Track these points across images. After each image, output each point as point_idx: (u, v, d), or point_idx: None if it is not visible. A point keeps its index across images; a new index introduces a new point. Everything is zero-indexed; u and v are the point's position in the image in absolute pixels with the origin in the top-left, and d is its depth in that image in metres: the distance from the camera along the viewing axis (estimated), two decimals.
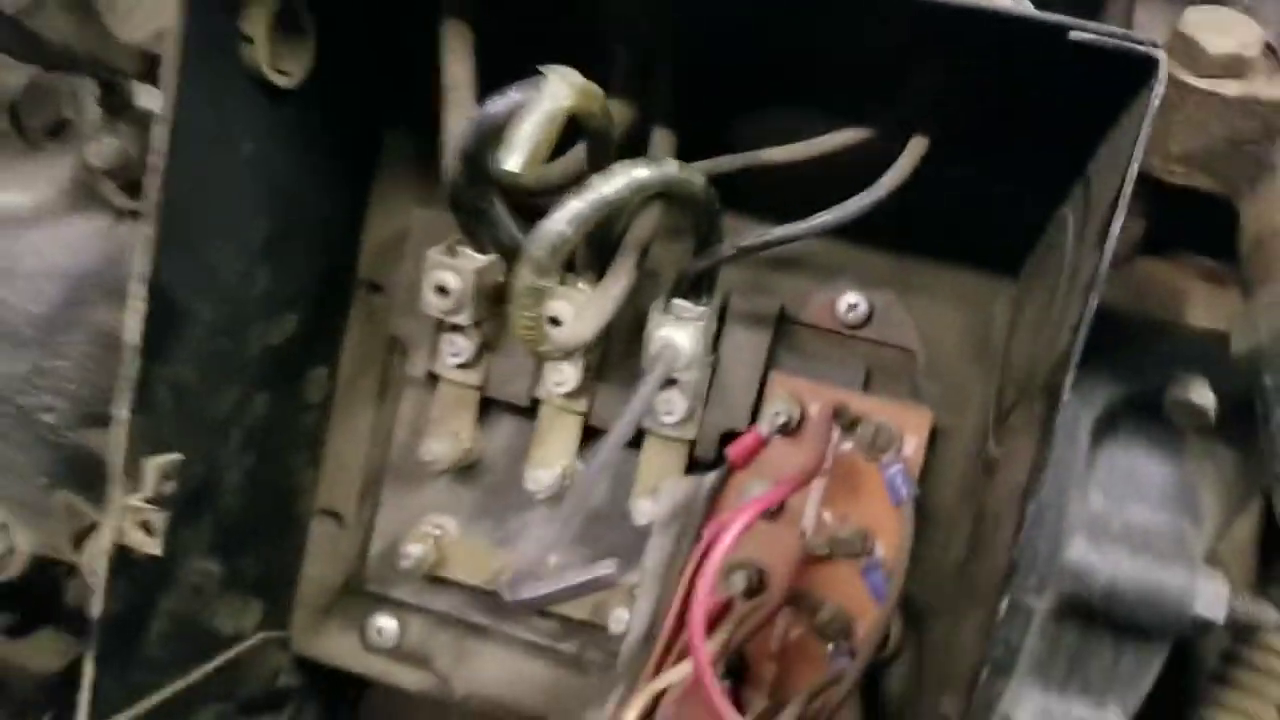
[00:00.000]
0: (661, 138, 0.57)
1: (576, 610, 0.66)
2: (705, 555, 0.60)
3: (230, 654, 0.66)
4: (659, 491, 0.62)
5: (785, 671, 0.63)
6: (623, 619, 0.64)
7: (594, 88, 0.48)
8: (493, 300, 0.62)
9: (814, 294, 0.63)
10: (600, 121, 0.50)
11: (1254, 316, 0.50)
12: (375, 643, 0.71)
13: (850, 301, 0.62)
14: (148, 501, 0.55)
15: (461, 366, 0.64)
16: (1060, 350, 0.44)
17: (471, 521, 0.69)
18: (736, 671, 0.64)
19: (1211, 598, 0.57)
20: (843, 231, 0.55)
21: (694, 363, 0.58)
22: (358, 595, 0.72)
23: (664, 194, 0.51)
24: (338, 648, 0.72)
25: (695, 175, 0.51)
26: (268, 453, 0.65)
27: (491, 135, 0.48)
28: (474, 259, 0.60)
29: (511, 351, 0.64)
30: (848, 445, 0.61)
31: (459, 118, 0.54)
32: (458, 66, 0.54)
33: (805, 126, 0.56)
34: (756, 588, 0.62)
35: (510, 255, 0.57)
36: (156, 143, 0.51)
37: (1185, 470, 0.62)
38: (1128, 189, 0.41)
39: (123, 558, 0.54)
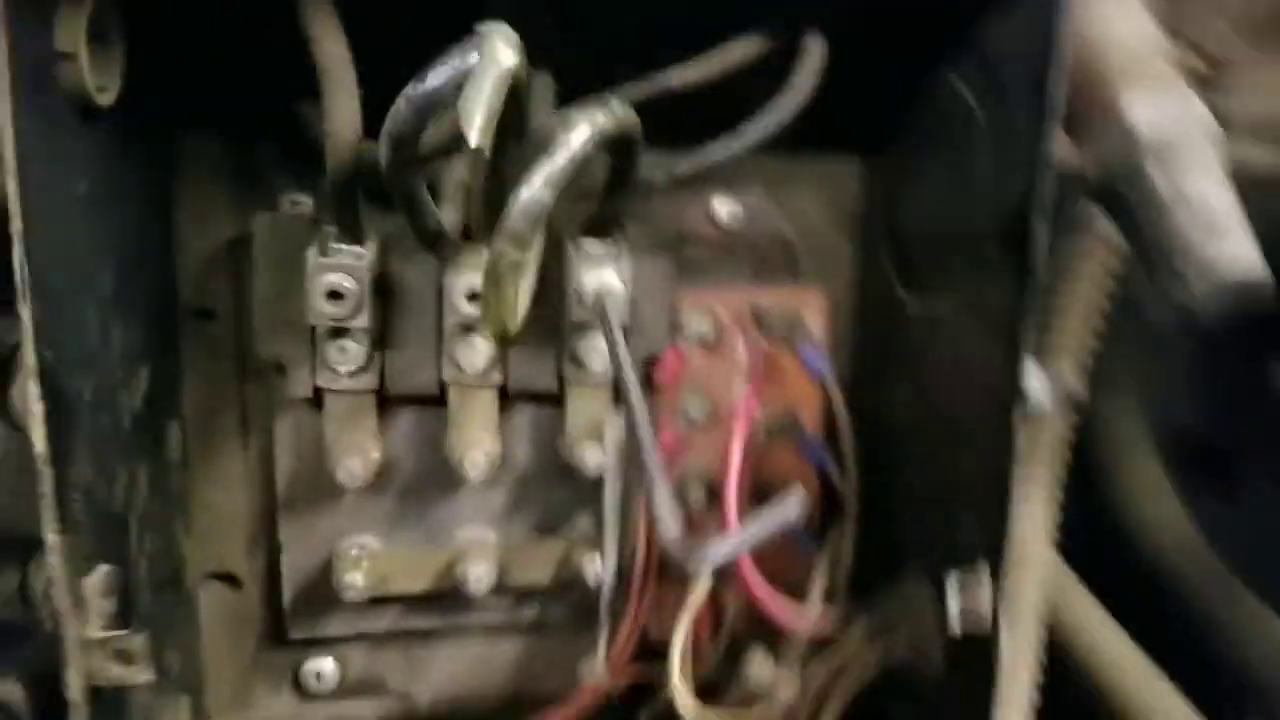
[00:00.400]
0: (544, 83, 0.55)
1: (531, 575, 0.65)
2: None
3: None
4: (605, 435, 0.62)
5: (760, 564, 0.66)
6: (595, 565, 0.63)
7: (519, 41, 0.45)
8: (377, 293, 0.57)
9: (689, 208, 0.64)
10: (525, 77, 0.47)
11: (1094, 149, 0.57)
12: (315, 688, 0.65)
13: (724, 206, 0.64)
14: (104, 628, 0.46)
15: (354, 374, 0.59)
16: (1015, 201, 0.48)
17: (393, 531, 0.64)
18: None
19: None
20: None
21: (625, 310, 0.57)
22: (279, 650, 0.65)
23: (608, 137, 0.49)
24: (270, 712, 0.65)
25: (631, 111, 0.50)
26: (158, 534, 0.56)
27: (432, 112, 0.44)
28: (359, 253, 0.55)
29: (404, 342, 0.59)
30: (761, 339, 0.63)
31: (344, 102, 0.49)
32: (331, 44, 0.48)
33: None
34: (712, 496, 0.64)
35: (433, 239, 0.53)
36: (11, 205, 0.41)
37: None
38: (1060, 47, 0.46)
39: (99, 701, 0.46)
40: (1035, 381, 0.64)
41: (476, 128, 0.43)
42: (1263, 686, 1.14)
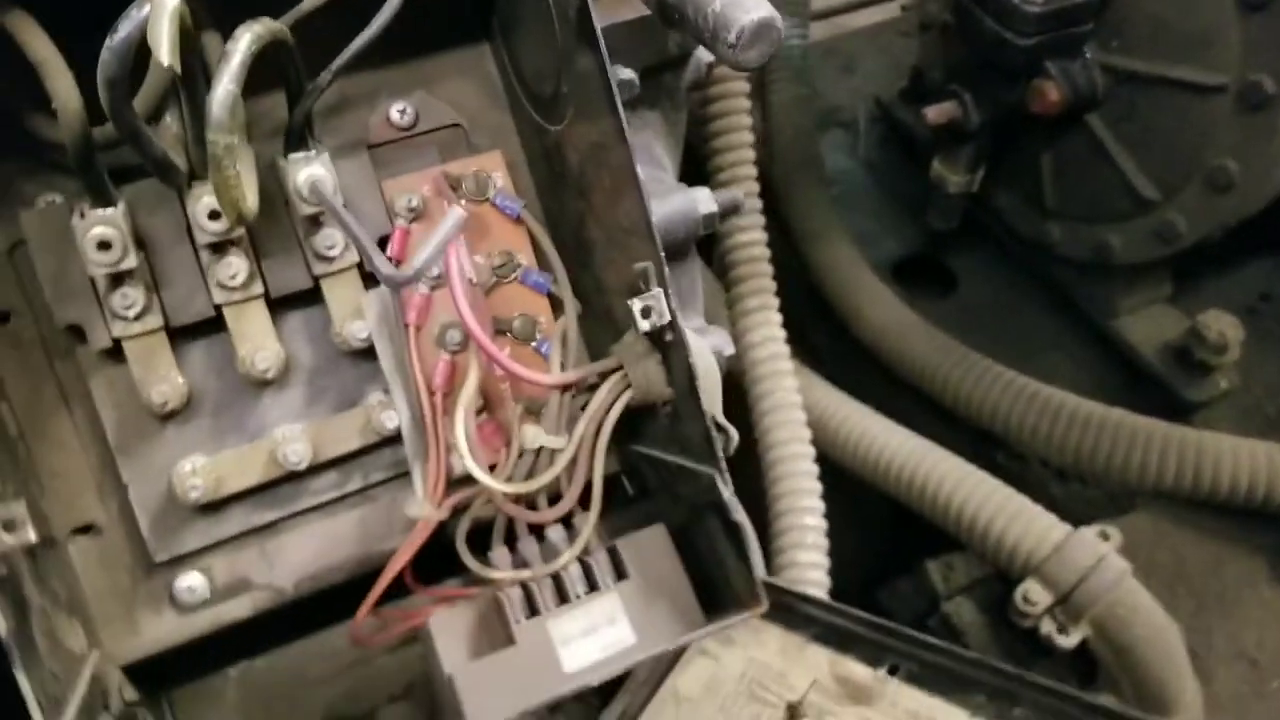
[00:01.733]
0: (216, 41, 0.69)
1: (343, 445, 0.78)
2: (420, 332, 0.76)
3: (89, 670, 0.68)
4: (364, 309, 0.76)
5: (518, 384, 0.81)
6: (393, 418, 0.77)
7: None
8: (138, 242, 0.70)
9: (368, 119, 0.79)
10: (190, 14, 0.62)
11: None
12: (190, 601, 0.76)
13: (398, 109, 0.80)
14: None
15: (140, 315, 0.71)
16: (575, 13, 0.66)
17: (216, 444, 0.76)
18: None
19: (706, 198, 0.85)
20: (363, 62, 0.72)
21: (338, 191, 0.72)
22: (150, 577, 0.76)
23: (265, 49, 0.64)
24: (158, 632, 0.76)
25: (278, 23, 0.65)
26: (18, 489, 0.67)
27: (128, 54, 0.58)
28: (112, 211, 0.68)
29: (173, 279, 0.72)
30: (461, 201, 0.79)
31: (63, 82, 0.62)
32: (38, 43, 0.61)
33: None
34: (463, 341, 0.79)
35: (165, 168, 0.66)
36: None
37: (645, 139, 0.89)
38: None
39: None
40: (698, 194, 0.82)
41: (165, 51, 0.57)
42: (999, 430, 1.36)
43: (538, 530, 0.75)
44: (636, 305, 0.66)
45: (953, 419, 1.40)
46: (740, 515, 0.67)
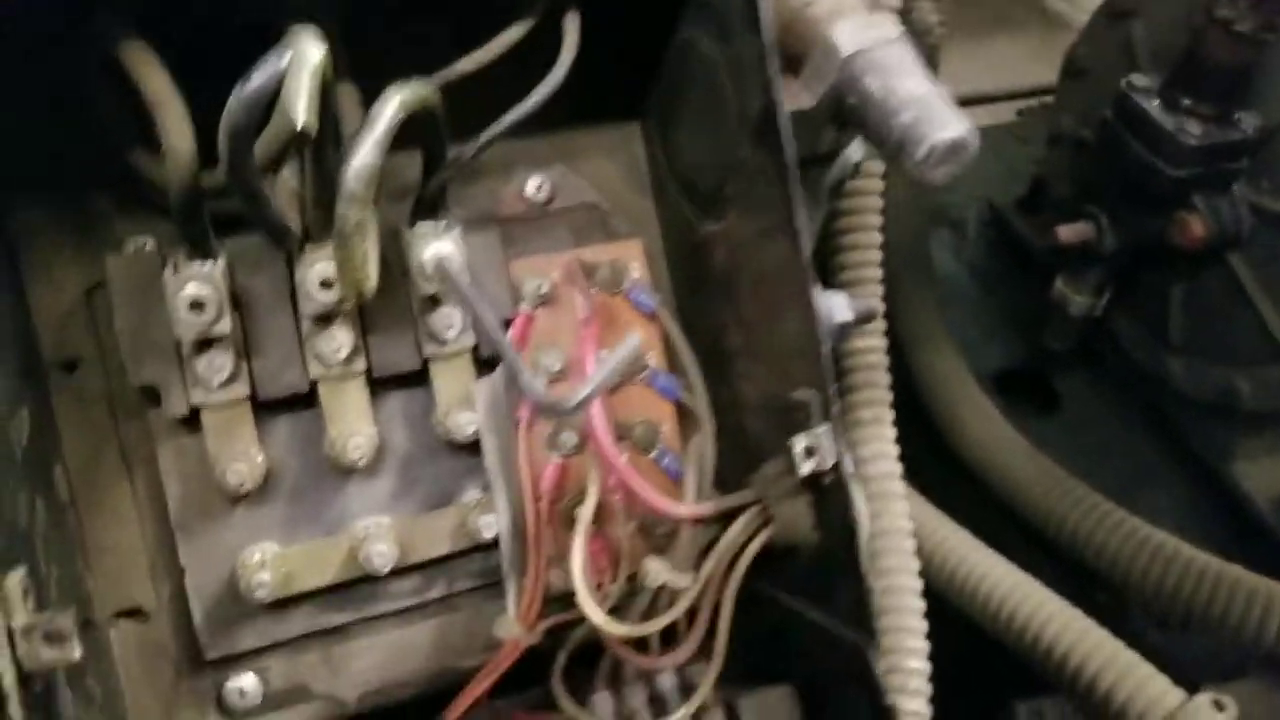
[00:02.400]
0: (349, 92, 0.62)
1: (432, 548, 0.69)
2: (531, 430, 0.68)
3: None
4: (474, 398, 0.67)
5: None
6: (490, 524, 0.68)
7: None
8: (233, 303, 0.62)
9: (501, 190, 0.71)
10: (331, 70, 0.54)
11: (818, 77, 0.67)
12: (239, 706, 0.67)
13: (535, 184, 0.72)
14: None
15: (225, 384, 0.63)
16: (758, 110, 0.58)
17: (290, 533, 0.67)
18: None
19: (842, 305, 0.76)
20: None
21: (465, 269, 0.64)
22: (198, 675, 0.67)
23: (411, 116, 0.56)
24: None
25: (430, 86, 0.57)
26: (60, 562, 0.59)
27: (259, 107, 0.50)
28: (210, 265, 0.60)
29: (267, 347, 0.64)
30: (593, 290, 0.70)
31: (176, 122, 0.54)
32: (157, 81, 0.54)
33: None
34: (580, 445, 0.70)
35: (278, 231, 0.58)
36: None
37: None
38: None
39: (27, 693, 0.48)
40: (834, 300, 0.74)
41: (301, 109, 0.50)
42: (1119, 572, 1.26)
43: (645, 673, 0.65)
44: (799, 444, 0.57)
45: (1047, 546, 1.31)
46: (894, 698, 0.57)
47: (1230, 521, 1.36)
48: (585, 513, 0.63)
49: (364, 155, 0.52)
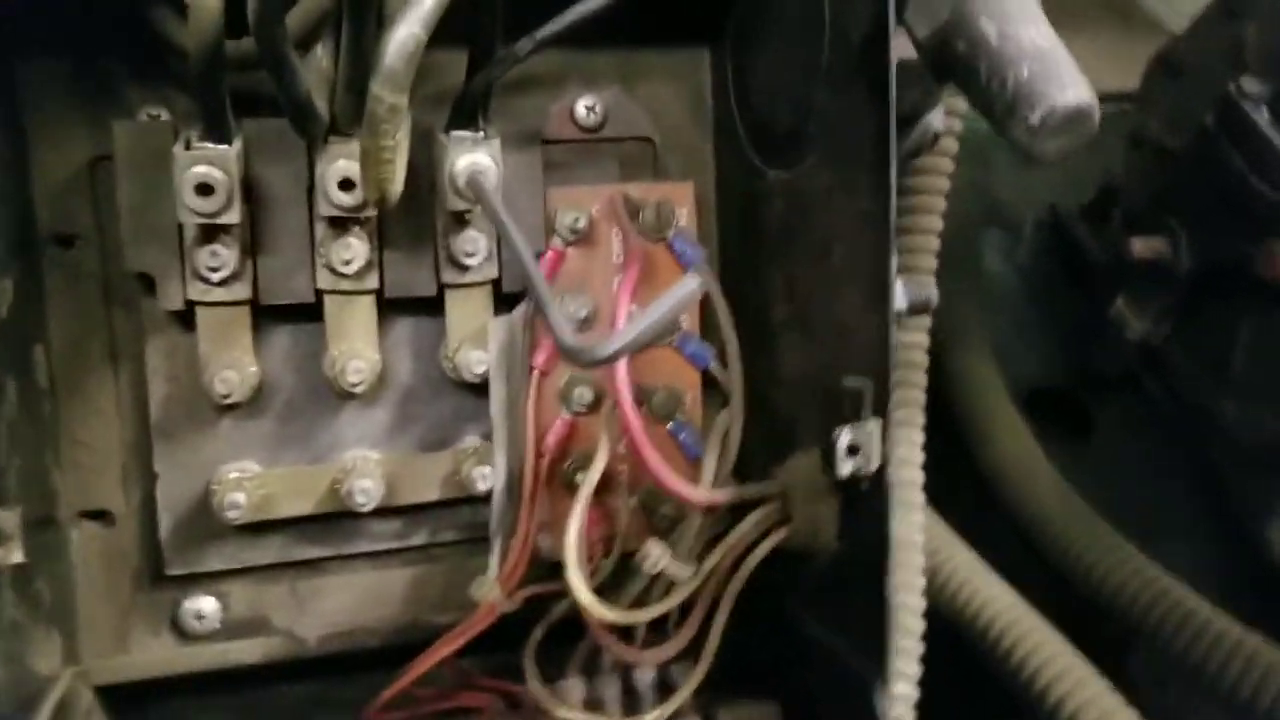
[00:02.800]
0: None
1: (420, 493, 0.64)
2: (544, 379, 0.62)
3: (55, 697, 0.54)
4: (489, 336, 0.62)
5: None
6: (485, 476, 0.63)
7: None
8: (245, 193, 0.56)
9: (548, 107, 0.65)
10: None
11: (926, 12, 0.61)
12: (195, 629, 0.62)
13: (586, 104, 0.65)
14: None
15: (226, 281, 0.57)
16: (864, 35, 0.51)
17: (273, 453, 0.62)
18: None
19: (899, 291, 0.70)
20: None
21: (499, 189, 0.57)
22: (156, 589, 0.62)
23: None
24: (149, 656, 0.62)
25: None
26: (27, 453, 0.54)
27: None
28: (224, 148, 0.54)
29: (275, 247, 0.59)
30: (634, 231, 0.64)
31: None
32: None
33: None
34: (593, 403, 0.64)
35: (304, 113, 0.52)
36: None
37: None
38: None
39: None
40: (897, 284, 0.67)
41: None
42: (1131, 621, 1.19)
43: (623, 664, 0.60)
44: (843, 438, 0.51)
45: (1059, 574, 1.25)
46: None
47: (1255, 583, 1.29)
48: (589, 480, 0.57)
49: (410, 25, 0.45)
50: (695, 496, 0.57)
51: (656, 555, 0.56)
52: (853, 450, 0.50)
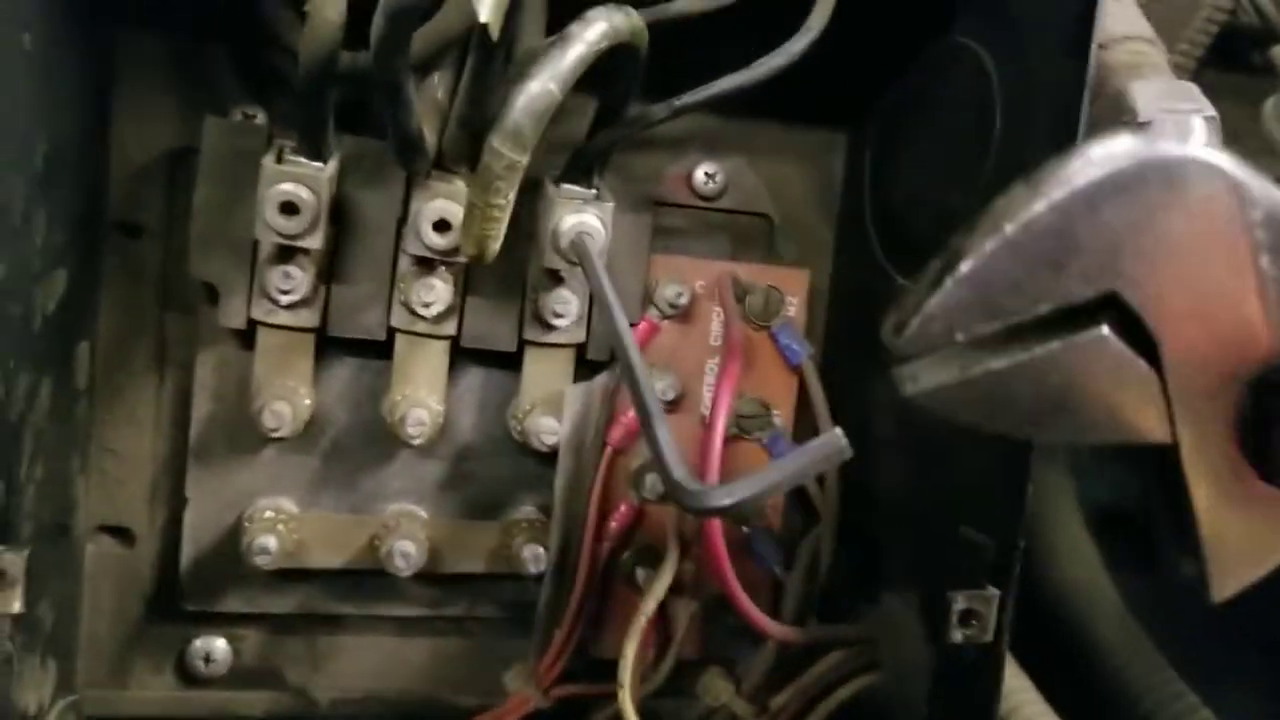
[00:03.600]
0: (535, 5, 0.51)
1: (464, 563, 0.58)
2: (616, 458, 0.57)
3: None
4: (565, 404, 0.57)
5: (704, 565, 0.60)
6: (537, 557, 0.57)
7: None
8: (331, 215, 0.51)
9: (668, 169, 0.60)
10: None
11: None
12: (201, 673, 0.57)
13: (706, 171, 0.60)
14: None
15: (295, 306, 0.53)
16: (1041, 151, 0.45)
17: (313, 494, 0.57)
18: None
19: None
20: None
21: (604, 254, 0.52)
22: (167, 623, 0.57)
23: (611, 50, 0.45)
24: (147, 694, 0.57)
25: (643, 25, 0.46)
26: (51, 460, 0.49)
27: None
28: (317, 166, 0.49)
29: (354, 277, 0.54)
30: (736, 320, 0.59)
31: None
32: None
33: None
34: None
35: (410, 146, 0.48)
36: None
37: None
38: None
39: None
40: None
41: (488, 3, 0.39)
42: None
43: None
44: (958, 603, 0.45)
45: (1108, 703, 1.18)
46: None
47: None
48: (658, 585, 0.52)
49: (544, 81, 0.41)
50: (775, 633, 0.51)
51: (720, 689, 0.50)
52: (968, 617, 0.44)
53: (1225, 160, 0.20)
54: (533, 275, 0.55)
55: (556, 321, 0.55)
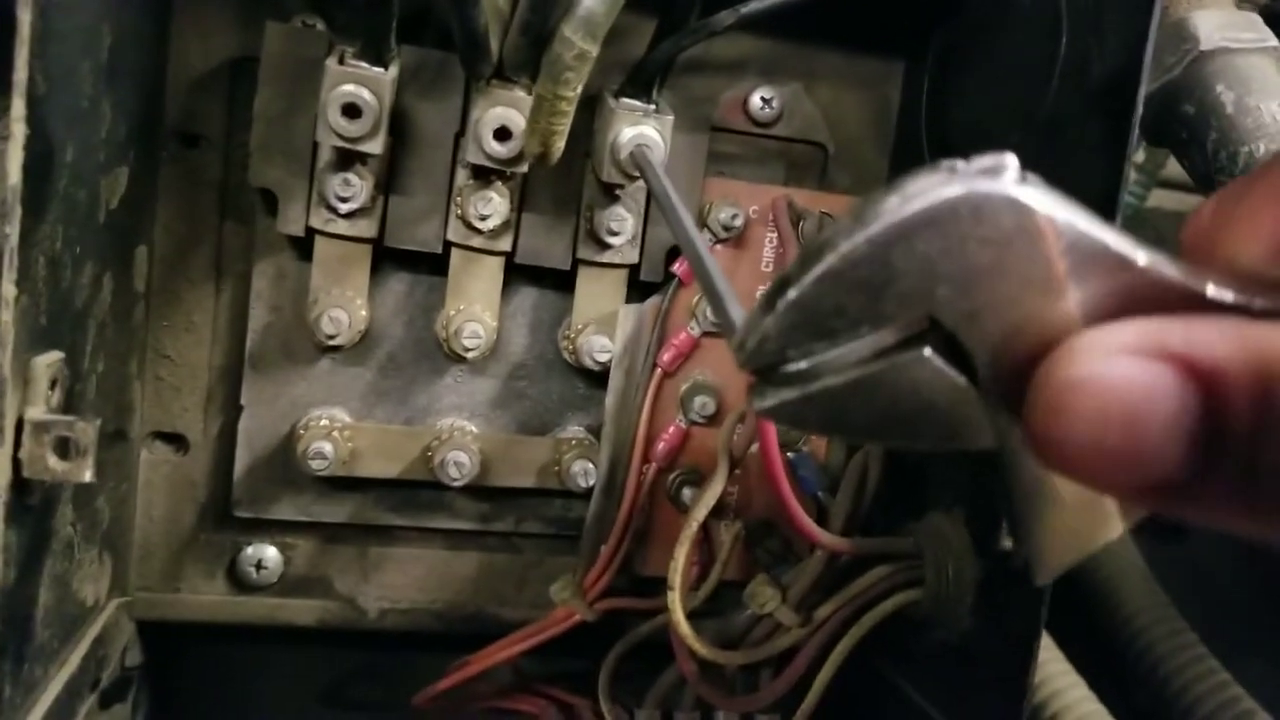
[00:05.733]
0: None
1: (514, 476, 0.59)
2: (665, 380, 0.57)
3: (95, 630, 0.50)
4: (617, 324, 0.57)
5: (747, 490, 0.61)
6: (586, 472, 0.57)
7: None
8: (391, 124, 0.51)
9: (722, 93, 0.59)
10: None
11: (1158, 61, 0.55)
12: (252, 579, 0.58)
13: (763, 96, 0.60)
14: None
15: (353, 215, 0.53)
16: (1110, 76, 0.45)
17: (367, 405, 0.58)
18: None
19: None
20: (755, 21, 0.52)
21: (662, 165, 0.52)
22: (219, 530, 0.58)
23: None
24: (199, 599, 0.58)
25: None
26: (111, 358, 0.49)
27: None
28: (379, 70, 0.49)
29: (411, 188, 0.54)
30: (794, 237, 0.59)
31: None
32: None
33: None
34: (714, 415, 0.59)
35: (476, 50, 0.48)
36: None
37: None
38: None
39: (19, 501, 0.39)
40: None
41: None
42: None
43: (705, 704, 0.55)
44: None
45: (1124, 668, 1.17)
46: None
47: None
48: (705, 502, 0.52)
49: None
50: (825, 541, 0.51)
51: (768, 596, 0.50)
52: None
53: (1033, 195, 0.22)
54: (589, 192, 0.55)
55: (611, 240, 0.55)
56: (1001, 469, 0.27)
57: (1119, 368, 0.22)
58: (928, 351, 0.23)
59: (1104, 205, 0.44)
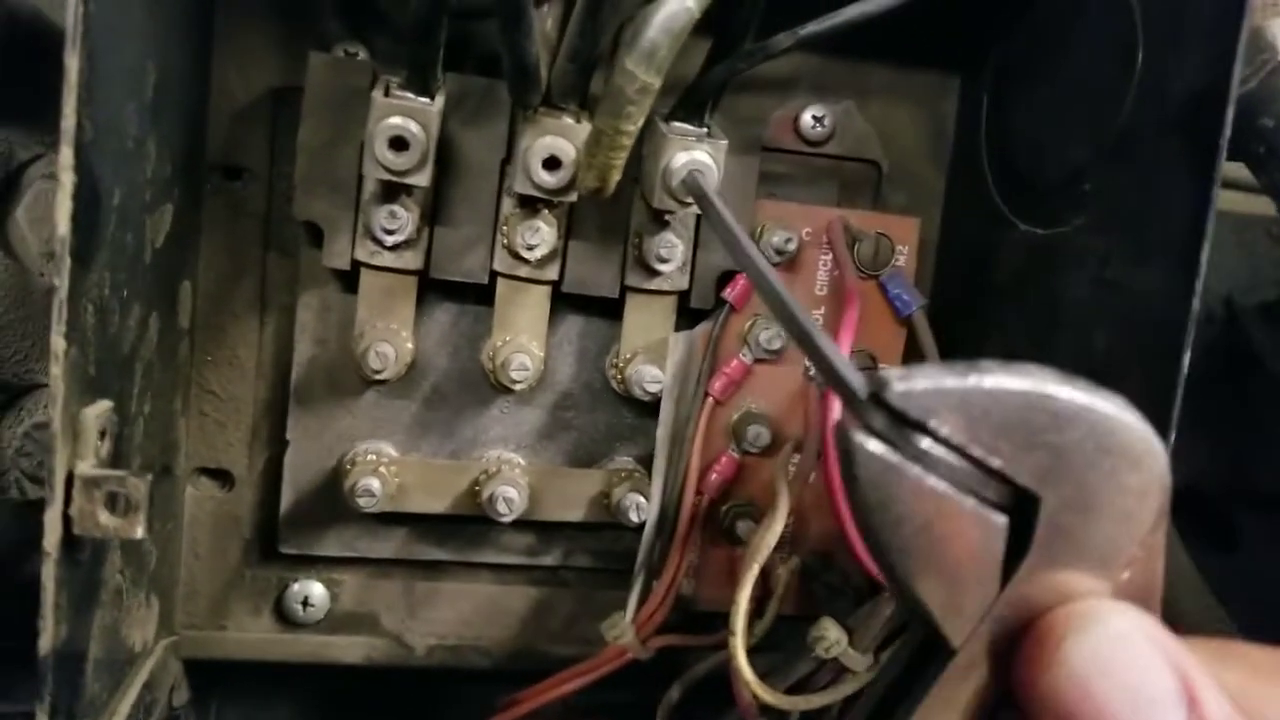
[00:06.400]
0: None
1: (563, 510, 0.57)
2: (717, 410, 0.56)
3: (143, 675, 0.49)
4: (668, 352, 0.55)
5: (802, 522, 0.59)
6: (638, 505, 0.56)
7: None
8: (438, 155, 0.50)
9: (773, 112, 0.58)
10: None
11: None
12: (299, 616, 0.57)
13: (814, 114, 0.58)
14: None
15: (399, 247, 0.52)
16: (1192, 90, 0.43)
17: (411, 439, 0.56)
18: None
19: None
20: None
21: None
22: (265, 565, 0.57)
23: None
24: (244, 637, 0.57)
25: None
26: (158, 396, 0.48)
27: None
28: (425, 101, 0.48)
29: (457, 219, 0.53)
30: (850, 268, 0.57)
31: None
32: None
33: None
34: (769, 446, 0.57)
35: (526, 79, 0.46)
36: None
37: None
38: None
39: (68, 557, 0.38)
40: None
41: None
42: None
43: None
44: None
45: None
46: None
47: None
48: (769, 536, 0.50)
49: (685, 1, 0.39)
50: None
51: (834, 639, 0.49)
52: None
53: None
54: (637, 219, 0.54)
55: (661, 267, 0.54)
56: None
57: None
58: (1003, 519, 0.25)
59: (1192, 225, 0.42)
